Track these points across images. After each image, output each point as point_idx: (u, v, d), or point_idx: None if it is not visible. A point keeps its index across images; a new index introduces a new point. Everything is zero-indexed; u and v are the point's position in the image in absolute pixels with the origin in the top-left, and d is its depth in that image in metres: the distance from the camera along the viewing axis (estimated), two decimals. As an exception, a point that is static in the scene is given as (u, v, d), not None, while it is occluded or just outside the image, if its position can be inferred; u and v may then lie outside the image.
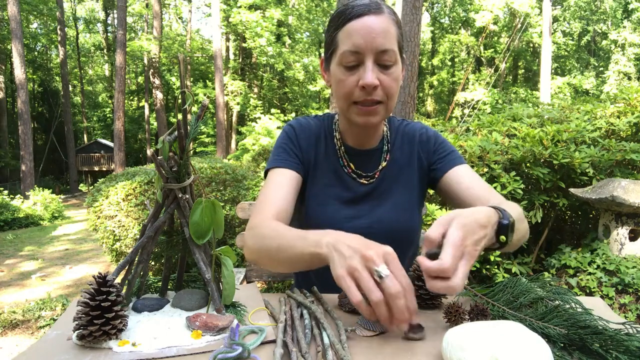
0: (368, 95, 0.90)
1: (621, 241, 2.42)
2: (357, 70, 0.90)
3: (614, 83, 19.80)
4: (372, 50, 0.88)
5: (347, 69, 0.91)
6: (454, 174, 1.03)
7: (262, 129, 13.31)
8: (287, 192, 0.98)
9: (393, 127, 1.12)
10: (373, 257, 0.62)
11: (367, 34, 0.87)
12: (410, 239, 1.08)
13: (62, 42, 20.59)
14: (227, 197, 3.75)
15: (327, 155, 1.07)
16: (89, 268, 5.22)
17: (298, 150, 1.06)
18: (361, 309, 0.61)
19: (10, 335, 2.98)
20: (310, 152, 1.07)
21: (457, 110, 23.34)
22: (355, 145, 1.06)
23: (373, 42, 0.87)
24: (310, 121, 1.11)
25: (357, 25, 0.89)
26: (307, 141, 1.08)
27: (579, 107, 3.44)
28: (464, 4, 25.16)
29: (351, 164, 1.06)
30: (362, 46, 0.88)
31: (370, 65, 0.88)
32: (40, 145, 25.07)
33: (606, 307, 0.84)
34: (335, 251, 0.66)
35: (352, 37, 0.89)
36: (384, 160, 1.07)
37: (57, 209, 10.38)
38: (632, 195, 2.26)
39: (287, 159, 1.04)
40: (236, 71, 22.78)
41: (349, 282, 0.61)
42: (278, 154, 1.05)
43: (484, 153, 2.58)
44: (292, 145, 1.06)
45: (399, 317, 0.60)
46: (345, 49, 0.90)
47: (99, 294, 0.63)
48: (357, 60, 0.90)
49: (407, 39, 4.75)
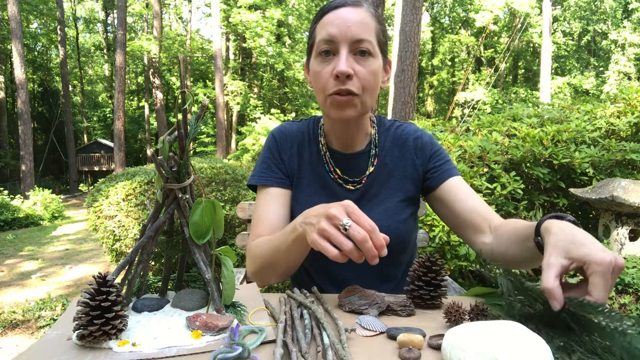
0: (342, 85, 0.89)
1: (621, 241, 2.42)
2: (332, 61, 0.90)
3: (614, 83, 19.80)
4: (347, 40, 0.88)
5: (322, 60, 0.91)
6: (451, 184, 1.01)
7: (262, 129, 13.32)
8: (275, 210, 1.01)
9: (382, 129, 1.08)
10: (335, 214, 0.68)
11: (342, 23, 0.88)
12: (403, 246, 1.04)
13: (62, 42, 20.60)
14: (227, 197, 3.75)
15: (312, 161, 1.05)
16: (89, 268, 5.22)
17: (280, 162, 1.07)
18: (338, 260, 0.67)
19: (10, 335, 2.98)
20: (293, 162, 1.07)
21: (457, 110, 23.34)
22: (341, 149, 1.04)
23: (348, 31, 0.88)
24: (294, 127, 1.10)
25: (332, 16, 0.90)
26: (289, 151, 1.07)
27: (579, 107, 3.44)
28: (464, 4, 25.16)
29: (337, 170, 1.03)
30: (336, 35, 0.88)
31: (344, 54, 0.88)
32: (40, 145, 25.08)
33: (606, 307, 0.84)
34: (306, 225, 0.74)
35: (327, 27, 0.90)
36: (372, 165, 1.03)
37: (57, 209, 10.39)
38: (632, 195, 2.26)
39: (270, 176, 1.05)
40: (236, 71, 22.79)
41: (322, 242, 0.68)
42: (262, 169, 1.07)
43: (484, 153, 2.58)
44: (274, 160, 1.07)
45: (370, 256, 0.65)
46: (319, 38, 0.91)
47: (99, 294, 0.63)
48: (332, 49, 0.90)
49: (407, 39, 4.75)
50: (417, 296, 0.81)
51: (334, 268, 1.02)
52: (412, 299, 0.82)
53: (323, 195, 1.03)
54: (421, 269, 0.82)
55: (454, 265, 2.46)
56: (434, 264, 0.82)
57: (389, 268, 1.04)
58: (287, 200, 1.05)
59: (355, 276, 1.00)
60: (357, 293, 0.81)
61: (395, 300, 0.80)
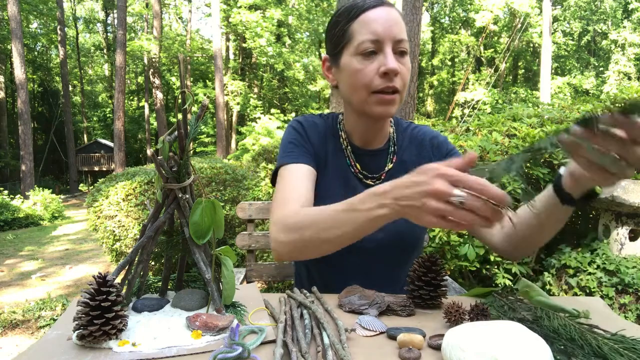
0: (389, 82, 0.90)
1: (621, 241, 2.42)
2: (376, 58, 0.90)
3: (614, 83, 19.79)
4: (391, 38, 0.89)
5: (365, 57, 0.90)
6: None
7: (262, 129, 13.31)
8: (307, 186, 0.95)
9: (400, 128, 1.11)
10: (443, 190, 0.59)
11: (386, 22, 0.89)
12: (416, 244, 1.06)
13: (62, 42, 20.59)
14: (227, 197, 3.75)
15: (335, 154, 1.05)
16: (89, 268, 5.22)
17: (309, 144, 1.03)
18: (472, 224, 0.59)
19: (10, 335, 2.98)
20: (321, 149, 1.05)
21: (457, 110, 23.33)
22: (362, 145, 1.05)
23: (391, 30, 0.89)
24: (316, 120, 1.09)
25: (374, 15, 0.90)
26: (317, 137, 1.05)
27: (579, 107, 3.43)
28: (464, 4, 25.15)
29: (357, 164, 1.05)
30: (381, 34, 0.89)
31: (390, 52, 0.89)
32: (40, 145, 25.07)
33: (606, 307, 0.84)
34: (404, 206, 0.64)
35: (371, 25, 0.90)
36: (390, 162, 1.05)
37: (57, 209, 10.38)
38: (632, 195, 2.26)
39: (300, 154, 1.00)
40: (236, 71, 22.78)
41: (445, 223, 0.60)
42: (290, 149, 1.01)
43: (484, 153, 2.58)
44: (302, 140, 1.03)
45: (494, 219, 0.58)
46: (363, 38, 0.90)
47: (99, 294, 0.63)
48: (376, 48, 0.90)
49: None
50: (417, 296, 0.81)
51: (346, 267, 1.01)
52: (412, 299, 0.82)
53: (343, 187, 1.03)
54: (421, 269, 0.82)
55: (454, 265, 2.46)
56: (434, 264, 0.82)
57: (400, 268, 1.05)
58: (314, 180, 1.00)
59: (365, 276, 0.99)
60: (357, 293, 0.81)
61: (395, 300, 0.80)
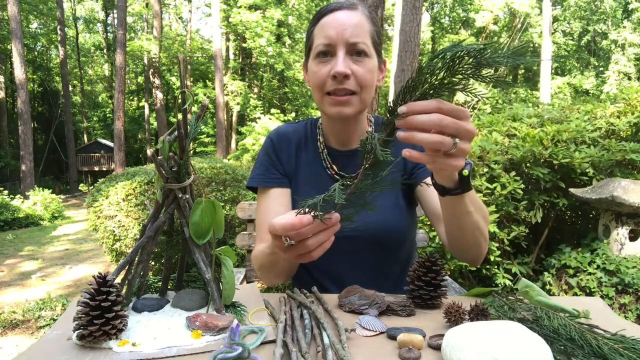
0: (340, 84, 0.93)
1: (621, 241, 2.42)
2: (330, 61, 0.94)
3: (614, 83, 19.79)
4: (344, 42, 0.92)
5: (320, 61, 0.95)
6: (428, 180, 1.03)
7: (262, 129, 13.32)
8: (276, 211, 1.03)
9: (378, 128, 1.11)
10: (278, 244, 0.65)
11: (339, 26, 0.93)
12: (399, 242, 1.06)
13: (62, 42, 20.59)
14: (227, 197, 3.75)
15: (309, 161, 1.09)
16: (89, 268, 5.22)
17: (278, 163, 1.10)
18: None
19: (10, 335, 2.98)
20: (290, 162, 1.10)
21: (457, 110, 23.28)
22: (338, 146, 1.08)
23: (344, 33, 0.92)
24: (290, 129, 1.14)
25: (330, 18, 0.94)
26: (287, 151, 1.11)
27: (579, 107, 3.43)
28: (464, 4, 25.16)
29: (334, 166, 1.07)
30: (333, 37, 0.92)
31: (341, 55, 0.92)
32: (40, 145, 25.07)
33: (606, 307, 0.84)
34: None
35: (325, 29, 0.94)
36: None
37: (57, 209, 10.38)
38: (632, 195, 2.26)
39: (268, 177, 1.08)
40: (236, 71, 22.77)
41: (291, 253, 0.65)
42: (260, 172, 1.09)
43: (484, 153, 2.58)
44: (271, 161, 1.10)
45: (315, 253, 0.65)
46: (318, 42, 0.95)
47: (99, 294, 0.63)
48: (329, 51, 0.94)
49: (407, 39, 4.75)
50: (417, 296, 0.81)
51: (330, 264, 1.03)
52: (412, 299, 0.82)
53: (317, 193, 1.04)
54: (421, 269, 0.82)
55: (454, 265, 2.47)
56: (434, 264, 0.82)
57: (387, 265, 1.06)
58: (287, 199, 1.07)
59: (352, 273, 1.02)
60: (357, 293, 0.81)
61: (395, 300, 0.80)
